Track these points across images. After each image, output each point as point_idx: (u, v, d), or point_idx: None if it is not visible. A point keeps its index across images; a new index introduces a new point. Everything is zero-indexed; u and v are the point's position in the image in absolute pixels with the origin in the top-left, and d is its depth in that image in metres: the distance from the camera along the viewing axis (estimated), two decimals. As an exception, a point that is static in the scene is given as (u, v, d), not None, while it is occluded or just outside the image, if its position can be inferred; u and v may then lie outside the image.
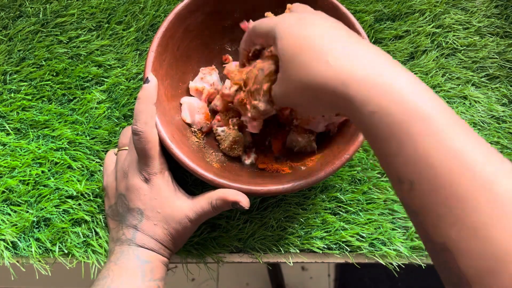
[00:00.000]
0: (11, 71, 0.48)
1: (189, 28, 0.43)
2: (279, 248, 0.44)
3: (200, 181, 0.45)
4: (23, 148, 0.45)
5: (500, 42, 0.52)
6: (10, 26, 0.50)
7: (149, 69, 0.39)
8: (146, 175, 0.37)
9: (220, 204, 0.36)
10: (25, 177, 0.44)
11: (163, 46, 0.41)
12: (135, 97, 0.47)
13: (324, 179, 0.37)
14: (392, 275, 0.43)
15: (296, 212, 0.44)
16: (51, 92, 0.47)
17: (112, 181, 0.41)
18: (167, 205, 0.37)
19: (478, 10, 0.54)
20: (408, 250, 0.44)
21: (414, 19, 0.52)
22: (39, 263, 0.42)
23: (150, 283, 0.36)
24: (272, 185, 0.37)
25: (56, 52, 0.49)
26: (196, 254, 0.43)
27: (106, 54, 0.49)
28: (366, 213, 0.45)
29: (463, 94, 0.50)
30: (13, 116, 0.46)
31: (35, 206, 0.43)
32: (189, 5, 0.42)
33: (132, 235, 0.37)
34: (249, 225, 0.44)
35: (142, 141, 0.37)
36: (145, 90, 0.38)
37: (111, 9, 0.51)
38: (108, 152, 0.45)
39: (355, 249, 0.44)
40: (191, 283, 1.07)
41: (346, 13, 0.41)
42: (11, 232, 0.42)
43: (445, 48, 0.52)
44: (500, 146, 0.48)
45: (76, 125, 0.46)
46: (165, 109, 0.40)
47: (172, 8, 0.48)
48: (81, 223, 0.43)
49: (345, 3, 0.52)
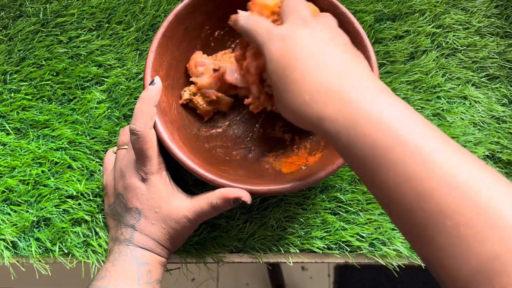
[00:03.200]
0: (11, 71, 0.48)
1: (188, 29, 0.43)
2: (279, 248, 0.44)
3: (200, 181, 0.45)
4: (23, 148, 0.45)
5: (500, 42, 0.52)
6: (10, 26, 0.50)
7: (149, 69, 0.39)
8: (144, 174, 0.37)
9: (221, 204, 0.36)
10: (25, 177, 0.44)
11: (163, 47, 0.41)
12: (136, 97, 0.47)
13: (324, 179, 0.37)
14: (392, 277, 0.43)
15: (296, 212, 0.44)
16: (51, 92, 0.47)
17: (111, 180, 0.41)
18: (165, 204, 0.37)
19: (478, 10, 0.54)
20: (408, 250, 0.44)
21: (414, 19, 0.52)
22: (39, 263, 0.42)
23: (147, 286, 0.36)
24: (272, 185, 0.37)
25: (56, 52, 0.49)
26: (195, 254, 0.43)
27: (106, 54, 0.49)
28: (366, 213, 0.45)
29: (463, 94, 0.50)
30: (13, 116, 0.46)
31: (35, 206, 0.43)
32: (189, 6, 0.41)
33: (130, 235, 0.37)
34: (249, 225, 0.44)
35: (140, 141, 0.37)
36: (148, 91, 0.38)
37: (111, 9, 0.51)
38: (108, 151, 0.45)
39: (355, 249, 0.44)
40: (191, 283, 1.07)
41: (345, 12, 0.41)
42: (11, 232, 0.42)
43: (445, 48, 0.52)
44: (500, 146, 0.48)
45: (76, 125, 0.46)
46: (165, 109, 0.40)
47: (172, 8, 0.48)
48: (81, 223, 0.43)
49: (345, 3, 0.52)
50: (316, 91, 0.28)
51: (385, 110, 0.26)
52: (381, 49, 0.51)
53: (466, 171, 0.24)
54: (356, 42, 0.41)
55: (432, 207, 0.24)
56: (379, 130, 0.26)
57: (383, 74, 0.50)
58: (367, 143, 0.26)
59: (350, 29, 0.41)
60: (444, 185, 0.23)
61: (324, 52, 0.30)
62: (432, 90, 0.50)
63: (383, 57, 0.50)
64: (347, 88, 0.28)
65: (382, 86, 0.28)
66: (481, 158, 0.47)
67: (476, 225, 0.22)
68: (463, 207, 0.23)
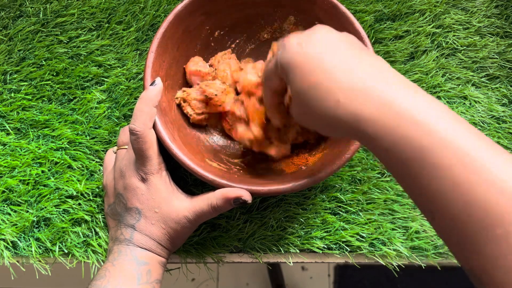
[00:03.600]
0: (11, 71, 0.48)
1: (188, 29, 0.43)
2: (279, 248, 0.44)
3: (200, 181, 0.45)
4: (23, 148, 0.45)
5: (500, 42, 0.52)
6: (10, 26, 0.50)
7: (149, 69, 0.39)
8: (143, 174, 0.37)
9: (221, 204, 0.36)
10: (25, 177, 0.44)
11: (163, 47, 0.41)
12: (136, 97, 0.47)
13: (324, 179, 0.37)
14: (391, 277, 0.43)
15: (296, 212, 0.44)
16: (51, 92, 0.47)
17: (111, 180, 0.41)
18: (165, 205, 0.37)
19: (478, 10, 0.54)
20: (408, 250, 0.44)
21: (414, 19, 0.52)
22: (39, 263, 0.42)
23: (147, 286, 0.36)
24: (272, 185, 0.37)
25: (56, 52, 0.49)
26: (195, 254, 0.43)
27: (106, 54, 0.49)
28: (366, 213, 0.45)
29: (463, 94, 0.50)
30: (13, 116, 0.46)
31: (35, 206, 0.43)
32: (189, 6, 0.41)
33: (130, 235, 0.37)
34: (249, 225, 0.44)
35: (139, 141, 0.37)
36: (149, 91, 0.38)
37: (111, 9, 0.51)
38: (108, 150, 0.45)
39: (355, 249, 0.44)
40: (191, 283, 1.07)
41: (345, 12, 0.41)
42: (11, 232, 0.42)
43: (445, 48, 0.52)
44: (500, 146, 0.48)
45: (76, 125, 0.46)
46: (165, 109, 0.40)
47: (172, 8, 0.48)
48: (81, 223, 0.43)
49: (345, 3, 0.52)
50: (351, 89, 0.26)
51: (428, 111, 0.25)
52: (381, 49, 0.51)
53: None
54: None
55: (481, 214, 0.22)
56: (423, 132, 0.24)
57: (383, 74, 0.50)
58: (411, 146, 0.24)
59: (350, 29, 0.41)
60: (494, 192, 0.22)
61: (345, 50, 0.29)
62: (432, 90, 0.50)
63: (383, 57, 0.50)
64: (384, 86, 0.26)
65: (415, 85, 0.27)
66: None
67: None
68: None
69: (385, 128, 0.25)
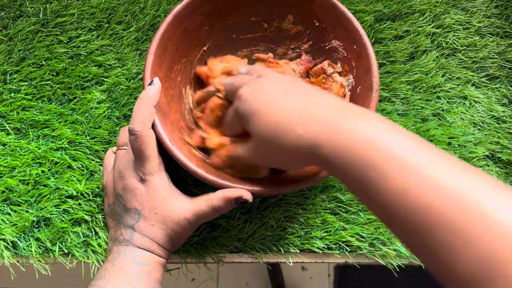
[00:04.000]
0: (11, 71, 0.48)
1: (187, 30, 0.43)
2: (279, 248, 0.44)
3: (200, 182, 0.45)
4: (23, 148, 0.45)
5: (500, 42, 0.52)
6: (10, 26, 0.50)
7: (148, 71, 0.39)
8: (142, 175, 0.37)
9: (222, 205, 0.36)
10: (25, 177, 0.44)
11: (162, 48, 0.41)
12: (136, 97, 0.47)
13: (324, 179, 0.37)
14: (391, 277, 0.43)
15: (296, 212, 0.44)
16: (51, 92, 0.47)
17: (111, 180, 0.41)
18: (164, 206, 0.37)
19: (478, 10, 0.54)
20: (408, 250, 0.44)
21: (414, 19, 0.52)
22: (39, 263, 0.42)
23: (147, 286, 0.36)
24: (272, 185, 0.37)
25: (56, 52, 0.49)
26: (195, 254, 0.43)
27: (106, 54, 0.49)
28: (366, 213, 0.45)
29: (463, 94, 0.50)
30: (13, 116, 0.46)
31: (35, 206, 0.43)
32: (188, 6, 0.41)
33: (129, 236, 0.37)
34: (249, 225, 0.44)
35: (138, 141, 0.36)
36: (148, 91, 0.38)
37: (111, 9, 0.51)
38: (108, 151, 0.45)
39: (355, 249, 0.44)
40: (191, 283, 1.07)
41: (344, 11, 0.41)
42: (11, 232, 0.42)
43: (445, 48, 0.52)
44: (500, 146, 0.48)
45: (76, 125, 0.46)
46: (165, 110, 0.40)
47: (172, 8, 0.48)
48: (81, 223, 0.43)
49: (345, 3, 0.52)
50: (308, 122, 0.30)
51: (370, 129, 0.28)
52: (381, 49, 0.51)
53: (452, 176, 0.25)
54: (355, 41, 0.41)
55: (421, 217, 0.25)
56: (367, 148, 0.27)
57: (383, 74, 0.50)
58: (359, 163, 0.27)
59: (349, 27, 0.41)
60: (431, 193, 0.25)
61: (294, 88, 0.34)
62: (432, 90, 0.50)
63: (383, 57, 0.51)
64: (333, 114, 0.30)
65: (360, 108, 0.31)
66: (481, 158, 0.47)
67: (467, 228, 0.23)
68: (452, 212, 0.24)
69: (338, 150, 0.29)
